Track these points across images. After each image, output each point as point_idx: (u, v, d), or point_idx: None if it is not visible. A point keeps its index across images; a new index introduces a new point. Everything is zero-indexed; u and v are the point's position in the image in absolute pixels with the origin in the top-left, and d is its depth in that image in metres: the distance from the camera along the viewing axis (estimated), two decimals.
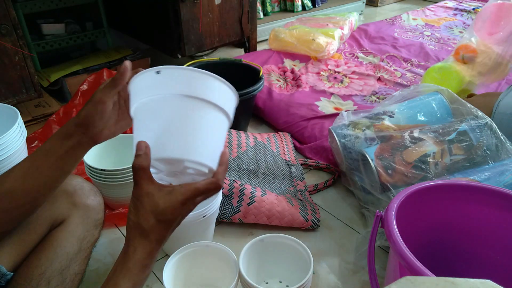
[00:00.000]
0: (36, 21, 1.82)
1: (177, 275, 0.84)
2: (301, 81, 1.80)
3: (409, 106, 1.17)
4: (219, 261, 0.85)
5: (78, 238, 0.74)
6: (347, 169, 1.15)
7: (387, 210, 0.73)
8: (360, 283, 0.95)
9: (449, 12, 2.78)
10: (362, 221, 1.13)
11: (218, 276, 0.87)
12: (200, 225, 0.91)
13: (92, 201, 0.79)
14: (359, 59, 2.07)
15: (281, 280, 0.92)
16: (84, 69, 1.77)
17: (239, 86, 1.39)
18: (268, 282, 0.92)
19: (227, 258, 0.83)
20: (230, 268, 0.82)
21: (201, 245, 0.86)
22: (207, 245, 0.86)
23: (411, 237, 0.74)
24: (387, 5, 3.34)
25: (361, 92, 1.75)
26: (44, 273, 0.67)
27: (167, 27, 1.74)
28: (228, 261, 0.83)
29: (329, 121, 1.46)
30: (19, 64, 1.40)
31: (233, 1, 1.83)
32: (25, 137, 1.09)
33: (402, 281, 0.37)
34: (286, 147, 1.40)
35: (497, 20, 1.43)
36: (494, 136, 0.98)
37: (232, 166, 1.25)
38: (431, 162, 0.97)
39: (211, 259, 0.86)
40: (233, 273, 0.79)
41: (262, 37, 2.39)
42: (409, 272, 0.62)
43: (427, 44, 2.22)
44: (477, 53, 1.45)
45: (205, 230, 0.94)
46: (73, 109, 1.43)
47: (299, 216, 1.08)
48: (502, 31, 1.42)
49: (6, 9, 1.30)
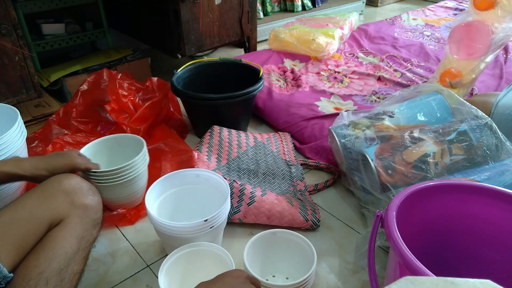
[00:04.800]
0: (36, 21, 1.82)
1: (174, 276, 0.85)
2: (301, 81, 1.79)
3: (409, 106, 1.17)
4: (216, 262, 0.85)
5: (76, 238, 0.74)
6: (347, 169, 1.15)
7: (387, 210, 0.73)
8: (360, 283, 0.94)
9: (449, 12, 2.78)
10: (362, 221, 1.13)
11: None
12: (207, 236, 0.90)
13: (90, 201, 0.79)
14: (359, 59, 2.06)
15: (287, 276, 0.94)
16: (84, 69, 1.77)
17: (239, 86, 1.40)
18: (275, 276, 0.94)
19: (224, 259, 0.84)
20: (227, 269, 0.82)
21: (197, 246, 0.86)
22: (204, 246, 0.87)
23: (411, 237, 0.74)
24: (387, 5, 3.34)
25: (361, 92, 1.75)
26: (42, 272, 0.66)
27: (167, 27, 1.74)
28: (225, 262, 0.83)
29: (329, 121, 1.46)
30: (19, 64, 1.40)
31: (233, 1, 1.83)
32: (25, 137, 1.09)
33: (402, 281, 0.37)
34: (286, 147, 1.40)
35: (470, 42, 1.42)
36: (494, 136, 0.98)
37: (232, 166, 1.25)
38: (431, 162, 0.96)
39: (207, 260, 0.87)
40: None
41: (262, 37, 2.39)
42: (409, 272, 0.62)
43: (427, 44, 2.22)
44: (462, 75, 1.45)
45: (213, 240, 0.94)
46: (72, 109, 1.43)
47: (299, 216, 1.08)
48: (480, 52, 1.41)
49: (6, 9, 1.30)
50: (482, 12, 1.38)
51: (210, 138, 1.31)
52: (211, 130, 1.35)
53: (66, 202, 0.75)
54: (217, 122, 1.40)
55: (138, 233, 1.09)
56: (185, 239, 0.88)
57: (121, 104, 1.42)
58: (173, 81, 1.44)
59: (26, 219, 0.71)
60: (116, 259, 1.01)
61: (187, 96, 1.38)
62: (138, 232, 1.10)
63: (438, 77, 1.53)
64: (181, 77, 1.51)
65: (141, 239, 1.07)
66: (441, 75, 1.51)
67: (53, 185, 0.77)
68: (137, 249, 1.04)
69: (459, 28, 1.45)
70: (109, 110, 1.39)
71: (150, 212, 0.89)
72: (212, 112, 1.42)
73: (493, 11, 1.35)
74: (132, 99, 1.47)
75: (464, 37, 1.43)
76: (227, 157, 1.27)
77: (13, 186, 1.07)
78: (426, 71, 1.92)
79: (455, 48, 1.47)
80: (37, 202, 0.74)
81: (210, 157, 1.24)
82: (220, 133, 1.34)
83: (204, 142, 1.30)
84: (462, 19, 1.44)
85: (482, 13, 1.38)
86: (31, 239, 0.70)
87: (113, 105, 1.40)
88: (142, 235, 1.09)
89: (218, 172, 1.18)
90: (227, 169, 1.23)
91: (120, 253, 1.03)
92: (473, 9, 1.40)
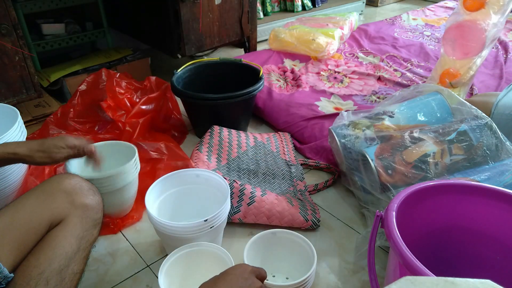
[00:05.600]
0: (36, 21, 1.82)
1: (174, 276, 0.85)
2: (301, 81, 1.79)
3: (409, 106, 1.17)
4: (216, 262, 0.85)
5: (77, 238, 0.74)
6: (347, 169, 1.15)
7: (387, 210, 0.73)
8: (360, 283, 0.94)
9: (449, 12, 2.78)
10: (362, 221, 1.13)
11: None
12: (208, 235, 0.90)
13: (91, 201, 0.79)
14: (359, 59, 2.06)
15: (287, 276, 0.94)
16: (84, 69, 1.77)
17: (239, 86, 1.40)
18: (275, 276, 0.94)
19: (224, 259, 0.84)
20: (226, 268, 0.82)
21: (197, 246, 0.87)
22: (204, 246, 0.87)
23: (411, 237, 0.74)
24: (387, 5, 3.34)
25: (361, 92, 1.75)
26: (43, 272, 0.66)
27: (167, 27, 1.74)
28: (225, 262, 0.83)
29: (329, 121, 1.46)
30: (19, 64, 1.40)
31: (233, 1, 1.83)
32: (25, 137, 1.09)
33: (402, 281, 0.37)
34: (286, 147, 1.40)
35: (465, 41, 1.42)
36: (494, 136, 0.98)
37: (232, 166, 1.25)
38: (431, 162, 0.96)
39: (207, 260, 0.87)
40: None
41: (262, 37, 2.39)
42: (409, 272, 0.62)
43: (427, 44, 2.22)
44: (461, 74, 1.46)
45: (213, 240, 0.94)
46: (70, 110, 1.42)
47: (299, 216, 1.08)
48: (475, 51, 1.41)
49: (6, 9, 1.30)
50: (472, 12, 1.38)
51: (210, 138, 1.31)
52: (211, 130, 1.35)
53: (66, 202, 0.75)
54: (217, 122, 1.40)
55: (138, 233, 1.09)
56: (185, 239, 0.88)
57: (117, 101, 1.41)
58: (173, 81, 1.44)
59: (26, 219, 0.70)
60: (116, 259, 1.01)
61: (187, 96, 1.38)
62: (138, 232, 1.10)
63: (437, 78, 1.53)
64: (181, 77, 1.51)
65: (141, 239, 1.07)
66: (441, 76, 1.51)
67: (53, 185, 0.77)
68: (137, 249, 1.04)
69: (451, 29, 1.45)
70: (105, 107, 1.38)
71: (150, 212, 0.89)
72: (212, 112, 1.42)
73: (483, 10, 1.36)
74: (129, 96, 1.46)
75: (458, 38, 1.43)
76: (227, 157, 1.27)
77: (12, 186, 1.07)
78: (426, 71, 1.92)
79: (450, 49, 1.46)
80: (37, 202, 0.74)
81: (210, 157, 1.24)
82: (220, 133, 1.34)
83: (204, 142, 1.30)
84: (454, 19, 1.44)
85: (472, 13, 1.38)
86: (31, 239, 0.70)
87: (109, 102, 1.39)
88: (142, 235, 1.09)
89: (218, 172, 1.18)
90: (227, 169, 1.23)
91: (120, 253, 1.03)
92: (464, 10, 1.40)
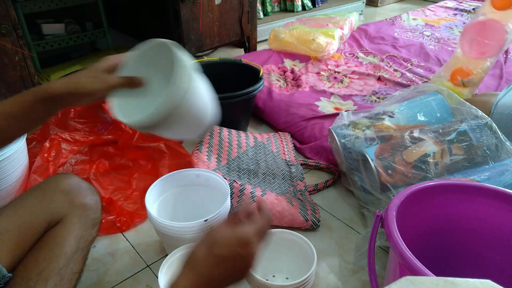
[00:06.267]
0: (36, 21, 1.82)
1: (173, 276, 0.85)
2: (301, 81, 1.79)
3: (409, 106, 1.17)
4: None
5: (75, 237, 0.74)
6: (347, 169, 1.15)
7: (387, 210, 0.73)
8: (360, 283, 0.94)
9: (449, 12, 2.78)
10: (362, 221, 1.12)
11: None
12: None
13: (89, 200, 0.79)
14: (359, 59, 2.06)
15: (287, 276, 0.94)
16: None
17: (239, 86, 1.40)
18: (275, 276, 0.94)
19: None
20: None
21: None
22: None
23: (411, 237, 0.74)
24: (387, 5, 3.34)
25: (361, 92, 1.75)
26: (42, 272, 0.66)
27: (167, 27, 1.74)
28: None
29: (329, 121, 1.46)
30: (19, 64, 1.40)
31: (233, 1, 1.83)
32: (25, 137, 1.09)
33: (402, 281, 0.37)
34: (286, 147, 1.40)
35: (484, 40, 1.42)
36: (494, 136, 0.98)
37: (232, 166, 1.25)
38: (431, 162, 0.96)
39: None
40: None
41: (262, 37, 2.39)
42: (409, 272, 0.62)
43: (427, 44, 2.22)
44: (473, 73, 1.46)
45: None
46: (71, 110, 1.42)
47: (299, 216, 1.07)
48: (492, 51, 1.42)
49: (6, 9, 1.30)
50: (498, 11, 1.38)
51: (210, 138, 1.31)
52: (211, 130, 1.35)
53: (65, 202, 0.75)
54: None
55: (138, 233, 1.09)
56: (185, 239, 0.88)
57: None
58: None
59: (24, 218, 0.71)
60: (116, 259, 1.01)
61: None
62: (138, 232, 1.10)
63: (448, 76, 1.53)
64: None
65: (141, 239, 1.07)
66: (453, 73, 1.51)
67: (51, 185, 0.78)
68: (137, 249, 1.04)
69: (473, 25, 1.46)
70: (106, 108, 1.38)
71: (150, 212, 0.89)
72: None
73: (509, 11, 1.36)
74: None
75: (477, 35, 1.44)
76: (227, 157, 1.27)
77: (12, 186, 1.07)
78: (426, 71, 1.92)
79: (467, 46, 1.47)
80: (36, 202, 0.74)
81: (210, 157, 1.24)
82: (220, 133, 1.34)
83: (204, 142, 1.30)
84: (476, 17, 1.46)
85: (498, 12, 1.39)
86: (30, 239, 0.70)
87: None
88: (142, 235, 1.08)
89: (218, 172, 1.18)
90: (227, 169, 1.23)
91: (120, 253, 1.03)
92: (490, 8, 1.40)
